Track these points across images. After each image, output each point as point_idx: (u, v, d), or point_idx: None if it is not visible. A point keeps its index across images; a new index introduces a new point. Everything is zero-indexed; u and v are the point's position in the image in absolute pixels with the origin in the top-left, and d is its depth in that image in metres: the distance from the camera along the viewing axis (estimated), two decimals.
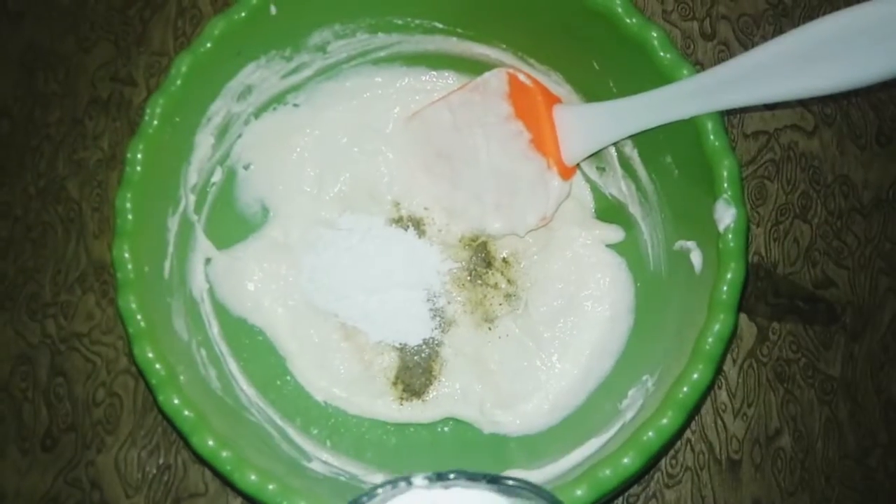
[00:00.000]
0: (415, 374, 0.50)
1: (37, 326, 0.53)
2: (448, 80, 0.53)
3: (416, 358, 0.50)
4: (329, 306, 0.51)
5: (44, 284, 0.54)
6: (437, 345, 0.50)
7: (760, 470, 0.49)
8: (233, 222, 0.51)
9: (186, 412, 0.41)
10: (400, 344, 0.50)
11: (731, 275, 0.40)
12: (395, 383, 0.50)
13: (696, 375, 0.40)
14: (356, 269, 0.51)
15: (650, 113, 0.44)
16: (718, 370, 0.41)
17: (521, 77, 0.48)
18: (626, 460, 0.39)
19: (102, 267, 0.54)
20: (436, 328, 0.50)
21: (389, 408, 0.50)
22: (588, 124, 0.47)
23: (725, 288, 0.40)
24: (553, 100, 0.48)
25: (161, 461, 0.51)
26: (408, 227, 0.52)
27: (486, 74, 0.49)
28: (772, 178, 0.53)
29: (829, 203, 0.53)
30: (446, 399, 0.50)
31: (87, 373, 0.52)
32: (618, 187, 0.50)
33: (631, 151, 0.48)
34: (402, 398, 0.50)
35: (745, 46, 0.55)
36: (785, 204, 0.53)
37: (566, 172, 0.49)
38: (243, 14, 0.46)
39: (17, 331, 0.53)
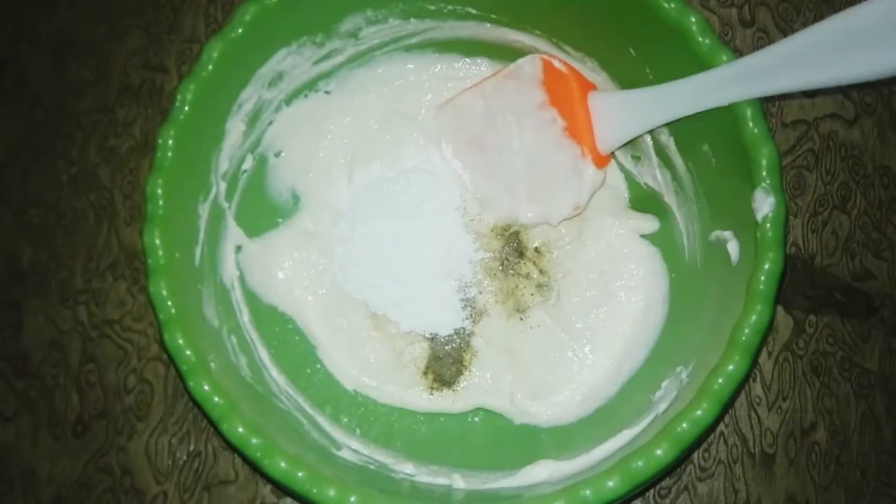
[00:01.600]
0: (445, 363, 0.50)
1: (69, 313, 0.53)
2: (481, 66, 0.52)
3: (446, 348, 0.50)
4: (360, 295, 0.51)
5: (75, 272, 0.54)
6: (468, 335, 0.50)
7: (795, 464, 0.48)
8: (264, 210, 0.51)
9: (217, 398, 0.41)
10: (430, 334, 0.50)
11: (769, 265, 0.40)
12: (425, 373, 0.50)
13: (731, 367, 0.39)
14: (387, 259, 0.51)
15: (688, 100, 0.43)
16: (754, 362, 0.40)
17: (556, 63, 0.48)
18: (659, 451, 0.38)
19: (134, 254, 0.54)
20: (467, 318, 0.50)
21: (420, 397, 0.49)
22: (624, 112, 0.46)
23: (763, 278, 0.40)
24: (588, 87, 0.48)
25: (191, 448, 0.51)
26: None
27: (520, 61, 0.49)
28: (811, 169, 0.52)
29: (868, 194, 0.52)
30: (477, 389, 0.49)
31: (118, 359, 0.52)
32: (653, 176, 0.50)
33: (667, 140, 0.47)
34: (432, 388, 0.49)
35: (785, 33, 0.54)
36: (824, 195, 0.52)
37: (601, 161, 0.48)
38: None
39: (49, 317, 0.53)
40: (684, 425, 0.38)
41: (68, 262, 0.54)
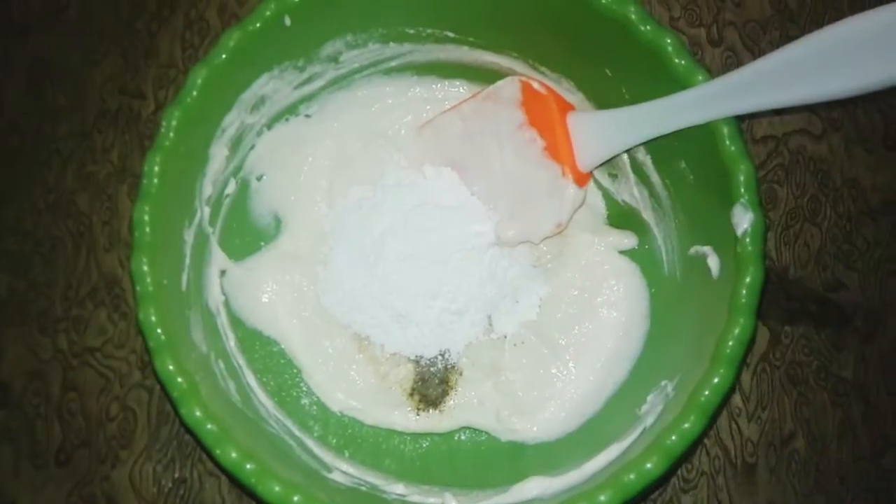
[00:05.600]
0: (431, 384, 0.50)
1: (48, 342, 0.53)
2: (459, 89, 0.53)
3: (431, 369, 0.50)
4: (343, 318, 0.51)
5: (54, 299, 0.53)
6: (452, 355, 0.50)
7: (776, 473, 0.49)
8: (247, 234, 0.52)
9: (209, 425, 0.41)
10: (415, 356, 0.50)
11: (750, 279, 0.41)
12: (411, 394, 0.50)
13: (717, 379, 0.40)
14: (369, 281, 0.51)
15: (665, 119, 0.44)
16: (739, 373, 0.41)
17: (535, 85, 0.49)
18: (649, 465, 0.39)
19: (114, 280, 0.53)
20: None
21: (406, 418, 0.50)
22: (603, 131, 0.47)
23: (745, 291, 0.41)
24: (567, 107, 0.49)
25: (176, 475, 0.50)
26: None
27: (499, 83, 0.50)
28: (781, 183, 0.53)
29: (838, 206, 0.53)
30: (463, 409, 0.50)
31: (100, 387, 0.52)
32: (630, 193, 0.51)
33: (644, 157, 0.48)
34: (418, 409, 0.50)
35: (752, 52, 0.55)
36: (795, 208, 0.53)
37: (581, 179, 0.49)
38: (258, 25, 0.46)
39: (28, 346, 0.53)
40: (673, 437, 0.39)
41: (47, 289, 0.53)
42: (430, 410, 0.50)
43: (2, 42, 0.58)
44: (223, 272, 0.50)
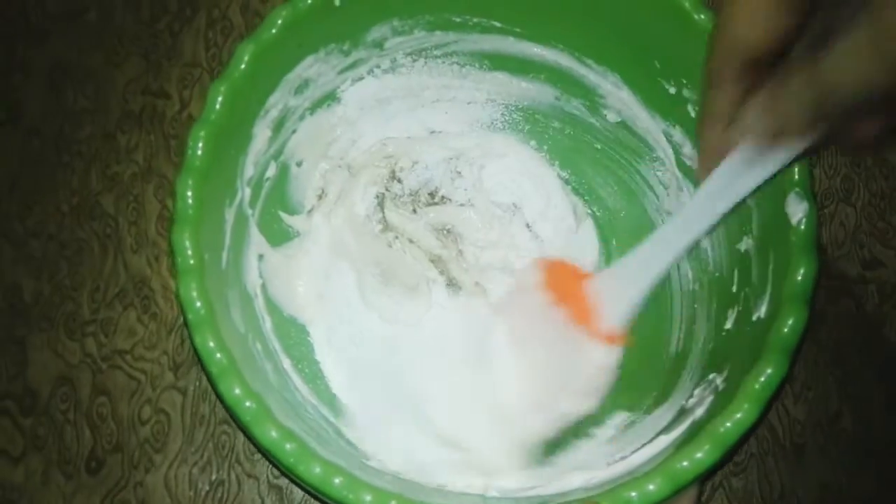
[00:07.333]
0: None
1: (76, 346, 0.51)
2: (499, 78, 0.53)
3: None
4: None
5: (81, 303, 0.52)
6: None
7: (825, 453, 0.49)
8: (285, 220, 0.51)
9: (248, 402, 0.39)
10: None
11: (805, 268, 0.39)
12: None
13: (771, 368, 0.38)
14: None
15: (681, 232, 0.37)
16: (793, 363, 0.39)
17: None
18: (700, 454, 0.37)
19: (142, 281, 0.52)
20: None
21: None
22: (621, 279, 0.40)
23: (800, 280, 0.39)
24: (583, 275, 0.42)
25: (213, 477, 0.49)
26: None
27: (519, 271, 0.47)
28: (814, 164, 0.54)
29: (871, 185, 0.53)
30: None
31: (131, 390, 0.50)
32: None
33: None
34: None
35: None
36: (829, 188, 0.53)
37: (612, 339, 0.40)
38: (308, 3, 0.45)
39: (55, 351, 0.51)
40: (728, 425, 0.37)
41: (73, 293, 0.52)
42: None
43: (19, 46, 0.57)
44: (261, 256, 0.48)
